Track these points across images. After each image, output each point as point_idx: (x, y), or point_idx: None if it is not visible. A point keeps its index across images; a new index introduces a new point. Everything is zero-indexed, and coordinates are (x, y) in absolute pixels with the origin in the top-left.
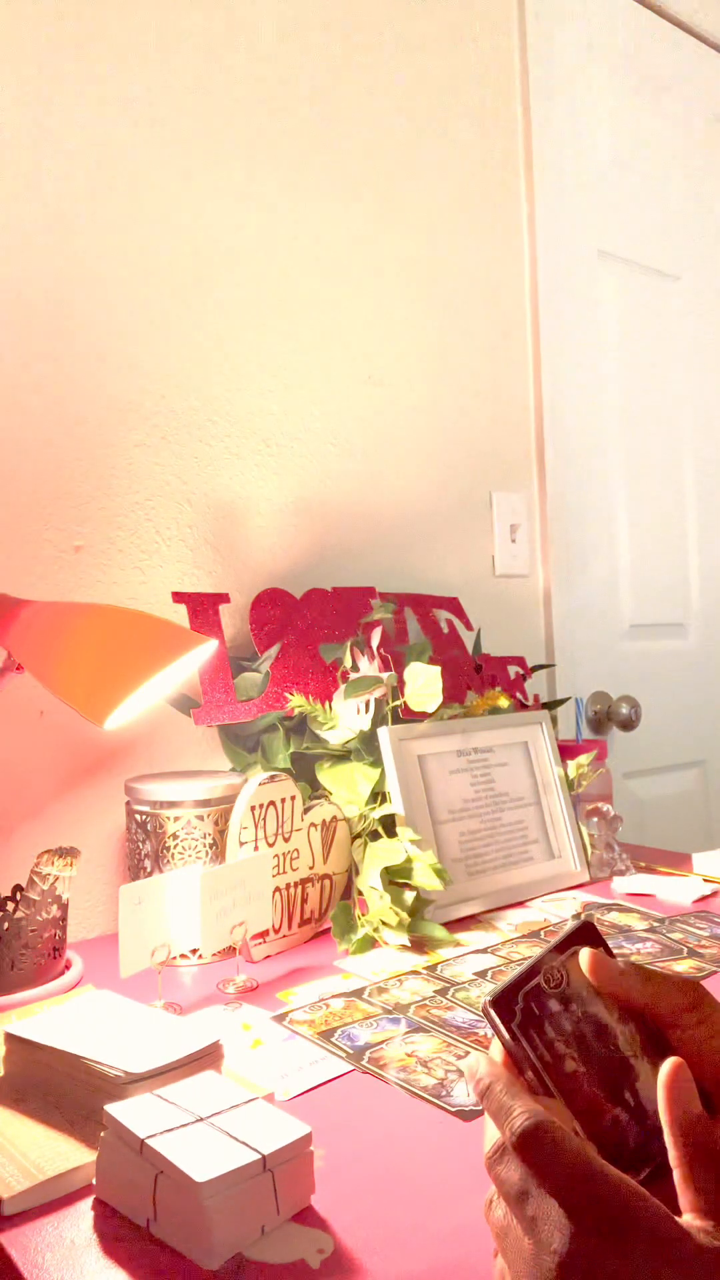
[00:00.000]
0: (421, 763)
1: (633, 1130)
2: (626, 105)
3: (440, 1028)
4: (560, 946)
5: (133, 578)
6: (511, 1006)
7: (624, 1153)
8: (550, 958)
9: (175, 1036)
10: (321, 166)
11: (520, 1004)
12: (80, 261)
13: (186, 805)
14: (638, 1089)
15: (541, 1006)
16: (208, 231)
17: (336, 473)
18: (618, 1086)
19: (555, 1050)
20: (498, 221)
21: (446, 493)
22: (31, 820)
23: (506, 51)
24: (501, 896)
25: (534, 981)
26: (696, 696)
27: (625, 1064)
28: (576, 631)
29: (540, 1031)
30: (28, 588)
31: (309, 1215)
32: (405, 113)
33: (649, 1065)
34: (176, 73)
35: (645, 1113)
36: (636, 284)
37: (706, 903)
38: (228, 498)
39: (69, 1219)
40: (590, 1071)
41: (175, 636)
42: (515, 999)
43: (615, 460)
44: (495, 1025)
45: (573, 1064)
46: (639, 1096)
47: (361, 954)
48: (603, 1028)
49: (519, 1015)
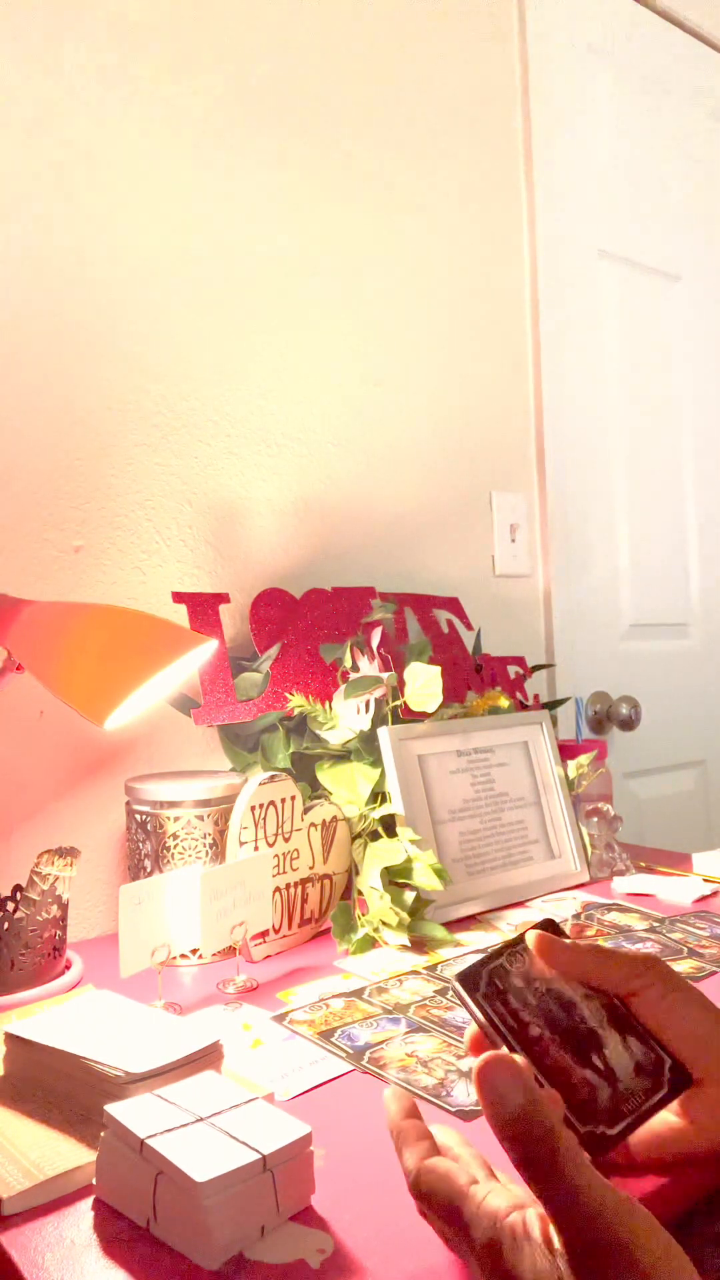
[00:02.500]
0: (421, 763)
1: (604, 1090)
2: (626, 105)
3: (440, 1028)
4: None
5: (133, 578)
6: (477, 981)
7: (595, 1109)
8: (513, 942)
9: (175, 1036)
10: (322, 167)
11: (485, 979)
12: (80, 261)
13: (186, 805)
14: (606, 1055)
15: (505, 981)
16: (209, 231)
17: (336, 473)
18: (586, 1052)
19: (520, 1018)
20: (498, 221)
21: (446, 493)
22: (31, 820)
23: (507, 52)
24: (501, 896)
25: (497, 962)
26: (696, 696)
27: (593, 1033)
28: (576, 631)
29: (505, 1002)
30: (28, 588)
31: (309, 1215)
32: (405, 113)
33: (617, 1035)
34: (178, 71)
35: (615, 1076)
36: (636, 284)
37: (706, 903)
38: (228, 498)
39: (69, 1219)
40: (557, 1038)
41: (175, 636)
42: (480, 974)
43: (615, 460)
44: (460, 995)
45: (538, 1030)
46: (608, 1061)
47: (361, 954)
48: (569, 1003)
49: (483, 988)
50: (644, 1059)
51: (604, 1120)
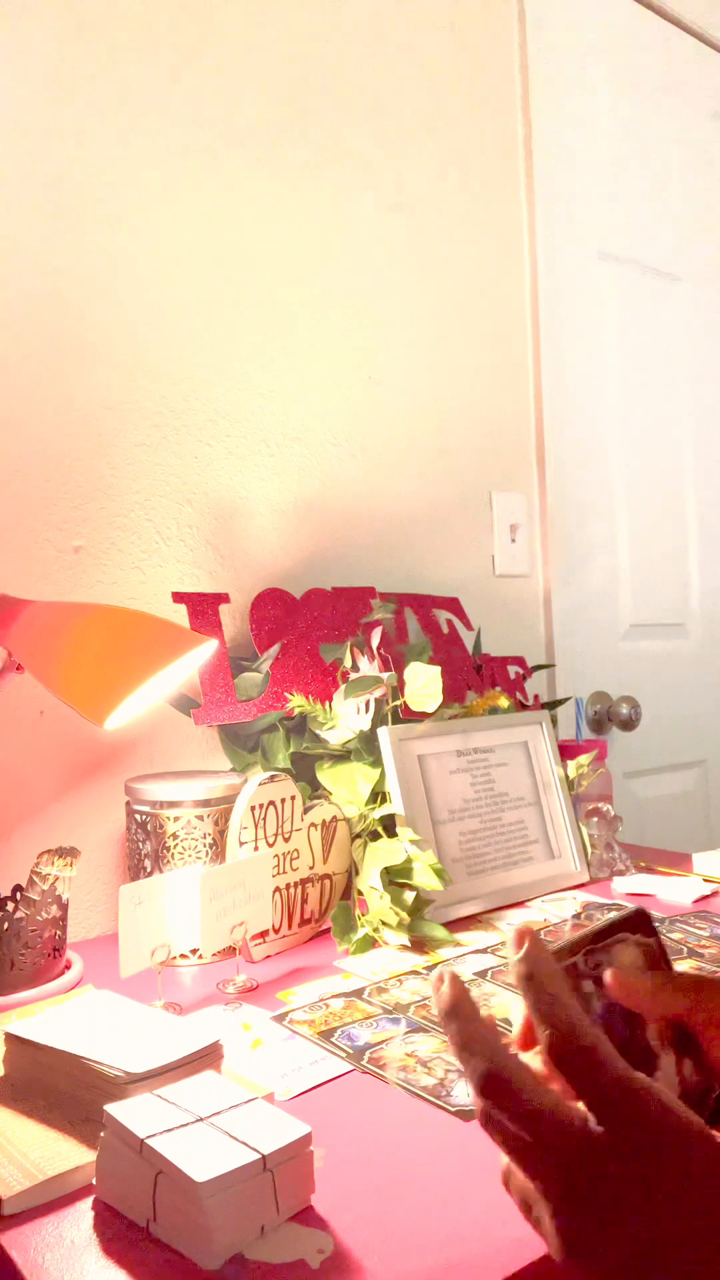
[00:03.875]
0: (421, 763)
1: None
2: (626, 105)
3: (440, 1028)
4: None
5: (133, 578)
6: None
7: None
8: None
9: (175, 1036)
10: (323, 167)
11: None
12: (80, 261)
13: (186, 805)
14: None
15: (575, 985)
16: (209, 232)
17: (336, 473)
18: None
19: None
20: (498, 221)
21: (446, 493)
22: (31, 820)
23: (507, 52)
24: (501, 896)
25: (572, 960)
26: (696, 696)
27: (649, 1052)
28: (576, 631)
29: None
30: (28, 588)
31: (309, 1215)
32: (405, 113)
33: (674, 1057)
34: (178, 70)
35: None
36: (637, 284)
37: (706, 903)
38: (228, 498)
39: (69, 1219)
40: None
41: (175, 636)
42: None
43: (615, 460)
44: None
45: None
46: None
47: (361, 954)
48: (633, 1015)
49: None
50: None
51: None
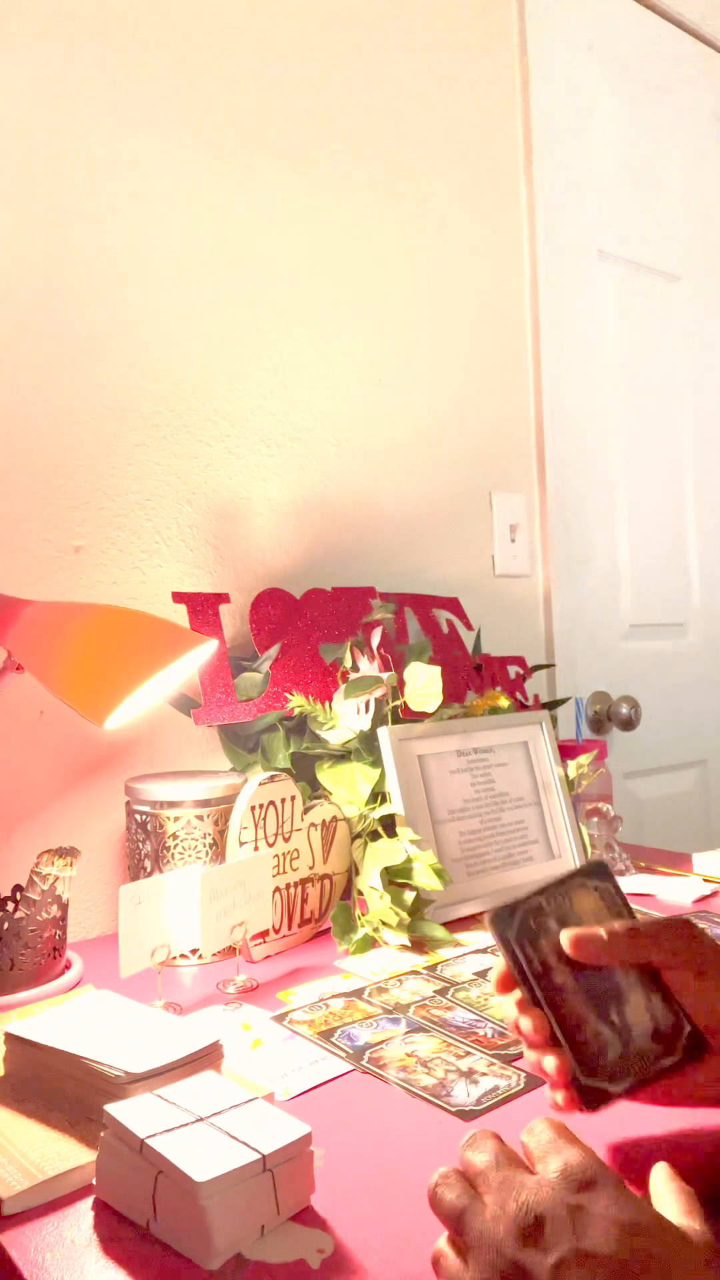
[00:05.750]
0: (421, 763)
1: (614, 1046)
2: (626, 105)
3: (440, 1028)
4: (567, 876)
5: (133, 578)
6: (510, 919)
7: (601, 1064)
8: (555, 884)
9: (175, 1036)
10: (322, 166)
11: (519, 918)
12: (80, 260)
13: (186, 805)
14: (625, 1011)
15: (539, 923)
16: (208, 231)
17: (336, 473)
18: (605, 1007)
19: (546, 963)
20: (498, 222)
21: (446, 493)
22: (31, 820)
23: (507, 52)
24: (501, 896)
25: (535, 900)
26: (696, 696)
27: (617, 988)
28: (576, 631)
29: (535, 944)
30: (28, 588)
31: (309, 1215)
32: (406, 113)
33: (642, 994)
34: (177, 67)
35: (630, 1035)
36: (636, 284)
37: (706, 903)
38: (228, 498)
39: (69, 1219)
40: (580, 986)
41: (175, 636)
42: (515, 913)
43: (615, 460)
44: (493, 932)
45: (561, 977)
46: (625, 1018)
47: (361, 954)
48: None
49: (516, 927)
50: (663, 1022)
51: (608, 1076)
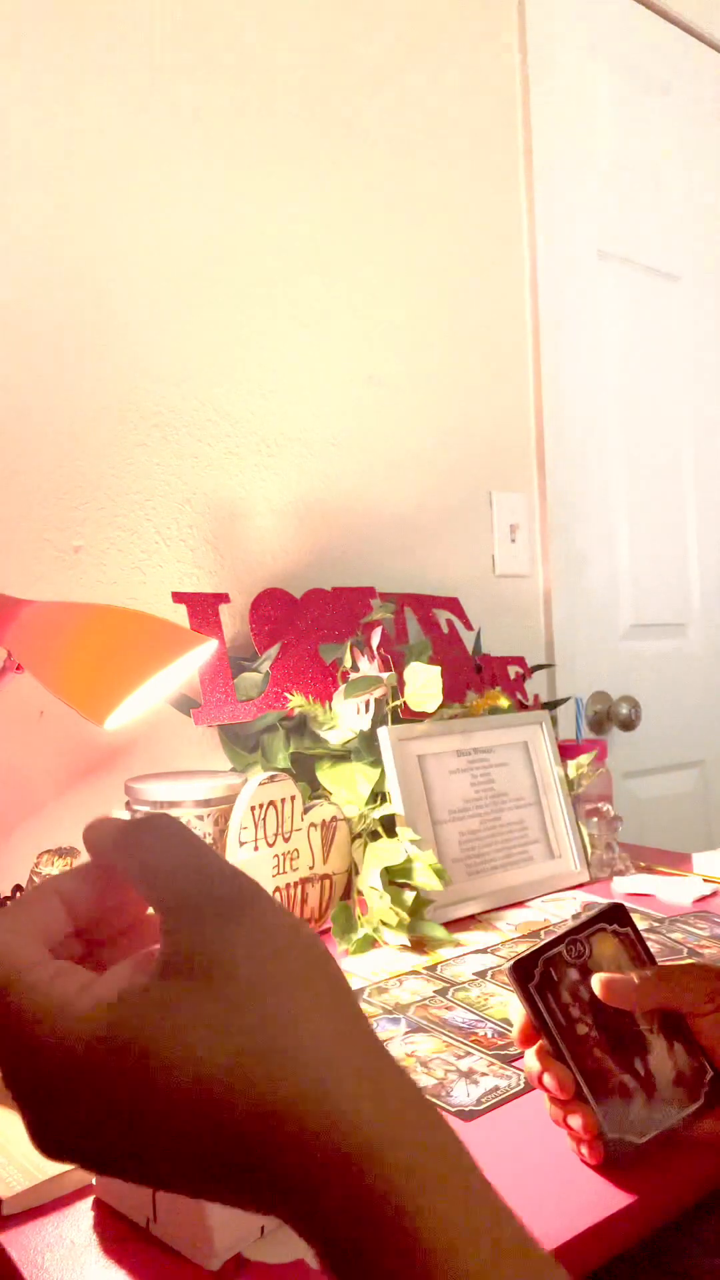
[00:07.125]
0: (421, 763)
1: (639, 1098)
2: (626, 105)
3: (440, 1028)
4: (587, 922)
5: (133, 578)
6: (531, 970)
7: (626, 1118)
8: (575, 931)
9: None
10: (322, 166)
11: (539, 968)
12: (79, 260)
13: (186, 805)
14: (649, 1061)
15: (560, 973)
16: (208, 231)
17: (336, 473)
18: (629, 1056)
19: (569, 1014)
20: (498, 221)
21: (446, 493)
22: (31, 820)
23: (507, 52)
24: (501, 896)
25: (556, 950)
26: (696, 696)
27: (639, 1037)
28: (576, 631)
29: (556, 995)
30: (28, 588)
31: None
32: (405, 113)
33: (664, 1042)
34: (177, 68)
35: (654, 1084)
36: (636, 284)
37: (706, 903)
38: (228, 498)
39: (69, 1219)
40: (603, 1038)
41: (175, 636)
42: (536, 963)
43: (615, 460)
44: (514, 984)
45: (585, 1028)
46: (649, 1068)
47: (361, 954)
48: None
49: (537, 978)
50: (686, 1068)
51: (633, 1130)
